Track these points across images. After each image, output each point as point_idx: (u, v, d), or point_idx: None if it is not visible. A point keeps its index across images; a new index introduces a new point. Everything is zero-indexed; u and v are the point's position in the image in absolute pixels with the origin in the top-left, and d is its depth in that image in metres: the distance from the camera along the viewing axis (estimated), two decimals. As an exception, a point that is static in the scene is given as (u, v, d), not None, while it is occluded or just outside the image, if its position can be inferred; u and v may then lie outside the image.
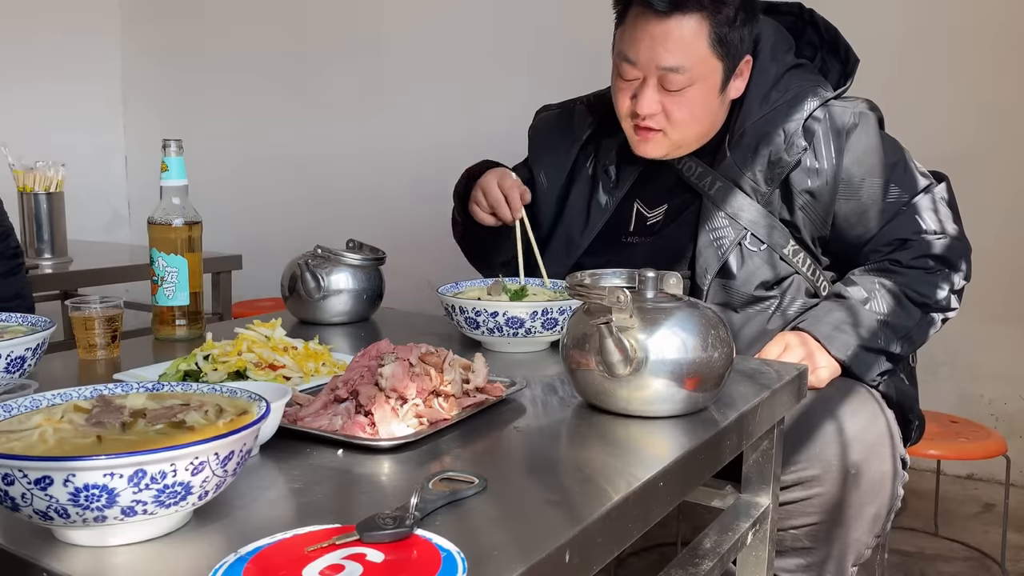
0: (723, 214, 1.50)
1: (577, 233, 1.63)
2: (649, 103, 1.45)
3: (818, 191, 1.48)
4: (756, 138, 1.50)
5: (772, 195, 1.49)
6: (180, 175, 1.39)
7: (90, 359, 1.26)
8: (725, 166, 1.52)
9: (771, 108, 1.50)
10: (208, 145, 3.57)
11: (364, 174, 3.44)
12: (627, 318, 0.96)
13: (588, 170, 1.65)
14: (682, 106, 1.46)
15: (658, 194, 1.59)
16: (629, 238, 1.60)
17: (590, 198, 1.63)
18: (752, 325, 1.49)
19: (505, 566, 0.62)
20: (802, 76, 1.53)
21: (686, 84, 1.44)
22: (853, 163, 1.48)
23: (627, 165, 1.61)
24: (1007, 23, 2.40)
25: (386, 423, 0.90)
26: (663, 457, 0.87)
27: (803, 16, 1.61)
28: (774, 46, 1.54)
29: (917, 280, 1.45)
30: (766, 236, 1.49)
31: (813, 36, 1.61)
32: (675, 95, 1.45)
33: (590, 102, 1.71)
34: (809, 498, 1.30)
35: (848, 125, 1.48)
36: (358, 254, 1.56)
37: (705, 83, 1.45)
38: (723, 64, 1.46)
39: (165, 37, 3.99)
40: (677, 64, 1.42)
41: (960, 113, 2.47)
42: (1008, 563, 2.07)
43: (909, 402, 1.52)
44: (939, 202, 1.50)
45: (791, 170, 1.48)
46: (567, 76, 2.47)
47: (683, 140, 1.51)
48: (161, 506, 0.64)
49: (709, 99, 1.48)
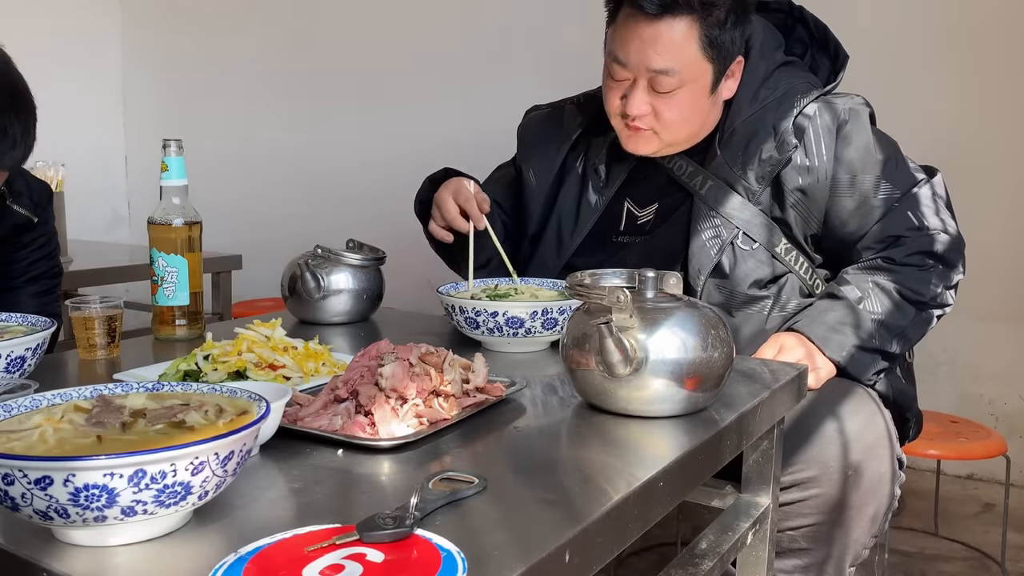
0: (715, 213, 1.49)
1: (567, 233, 1.62)
2: (639, 104, 1.45)
3: (809, 188, 1.47)
4: (746, 136, 1.49)
5: (763, 193, 1.49)
6: (180, 175, 1.39)
7: (90, 359, 1.26)
8: (716, 165, 1.51)
9: (761, 106, 1.50)
10: (208, 145, 3.57)
11: (364, 174, 3.44)
12: (627, 318, 0.96)
13: (578, 169, 1.64)
14: (672, 108, 1.45)
15: (649, 193, 1.58)
16: (620, 237, 1.59)
17: (580, 197, 1.62)
18: (749, 325, 1.49)
19: (505, 566, 0.62)
20: (792, 73, 1.53)
21: (676, 86, 1.43)
22: (844, 160, 1.47)
23: (617, 164, 1.60)
24: (1002, 17, 2.40)
25: (386, 423, 0.90)
26: (663, 457, 0.87)
27: (792, 13, 1.61)
28: (763, 44, 1.53)
29: (911, 277, 1.44)
30: (758, 235, 1.48)
31: (803, 33, 1.61)
32: (665, 97, 1.45)
33: (580, 102, 1.71)
34: (807, 499, 1.30)
35: (839, 121, 1.48)
36: (358, 254, 1.56)
37: (695, 85, 1.45)
38: (713, 66, 1.45)
39: (165, 37, 3.99)
40: (667, 67, 1.41)
41: (958, 111, 2.47)
42: (1008, 563, 2.07)
43: (906, 400, 1.51)
44: (931, 197, 1.48)
45: (782, 168, 1.47)
46: (567, 76, 2.47)
47: (674, 140, 1.51)
48: (161, 506, 0.64)
49: (699, 101, 1.47)
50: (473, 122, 3.15)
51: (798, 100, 1.48)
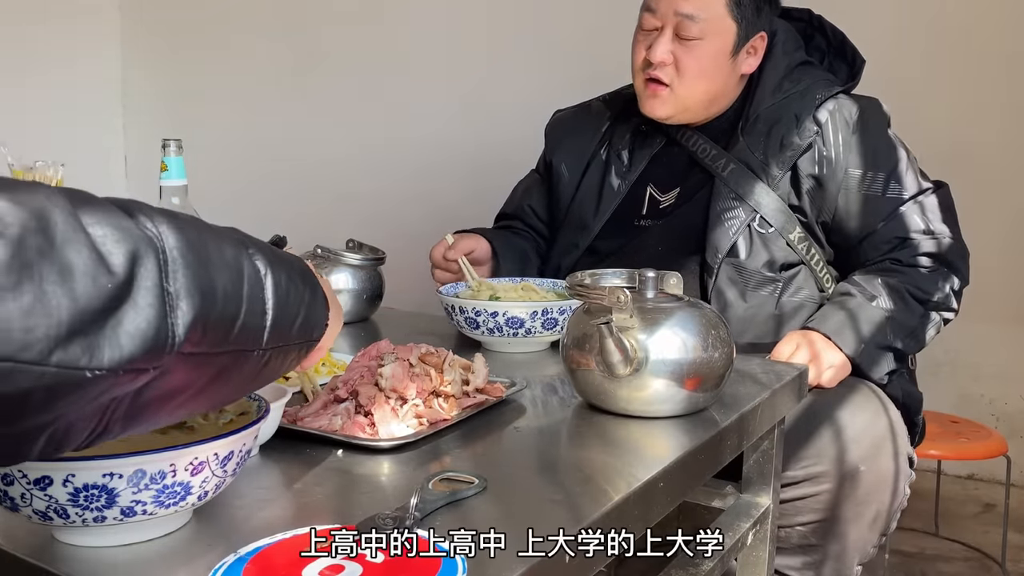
0: (734, 195, 1.54)
1: (589, 216, 1.66)
2: (663, 51, 1.51)
3: (822, 179, 1.52)
4: (769, 123, 1.55)
5: (783, 179, 1.53)
6: (180, 175, 1.39)
7: (90, 359, 1.25)
8: (738, 149, 1.56)
9: (784, 96, 1.56)
10: (208, 145, 3.57)
11: (364, 174, 3.44)
12: (627, 318, 0.96)
13: (602, 156, 1.69)
14: (692, 58, 1.51)
15: (671, 178, 1.63)
16: (642, 221, 1.63)
17: (603, 182, 1.67)
18: (760, 308, 1.51)
19: (505, 566, 0.62)
20: (813, 71, 1.59)
21: (699, 35, 1.50)
22: (857, 156, 1.51)
23: (640, 150, 1.66)
24: (1010, 20, 2.40)
25: (386, 423, 0.90)
26: (663, 457, 0.87)
27: (812, 23, 1.68)
28: (786, 42, 1.61)
29: (918, 277, 1.47)
30: (775, 220, 1.52)
31: (821, 42, 1.67)
32: (688, 46, 1.51)
33: (606, 99, 1.77)
34: (814, 495, 1.31)
35: (856, 118, 1.53)
36: (358, 254, 1.56)
37: (718, 40, 1.51)
38: (738, 27, 1.52)
39: (165, 37, 3.99)
40: (694, 12, 1.49)
41: (962, 112, 2.47)
42: (1008, 563, 2.07)
43: (915, 404, 1.54)
44: (938, 207, 1.52)
45: (801, 154, 1.52)
46: (567, 76, 2.47)
47: (689, 98, 1.55)
48: (161, 506, 0.64)
49: (719, 60, 1.53)
50: (473, 122, 3.15)
51: (820, 93, 1.54)
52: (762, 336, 1.50)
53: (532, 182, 1.82)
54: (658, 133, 1.65)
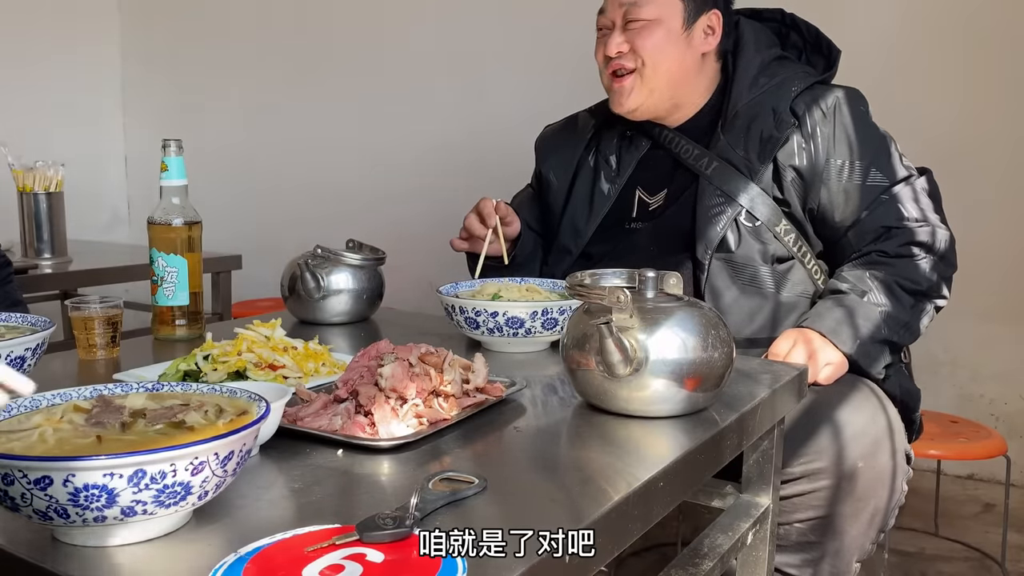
0: (719, 192, 1.56)
1: (582, 222, 1.69)
2: (616, 42, 1.56)
3: (803, 170, 1.53)
4: (748, 119, 1.57)
5: (765, 173, 1.55)
6: (180, 175, 1.39)
7: (90, 359, 1.26)
8: (720, 147, 1.59)
9: (760, 91, 1.59)
10: (208, 145, 3.57)
11: (364, 174, 3.44)
12: (627, 318, 0.96)
13: (590, 162, 1.73)
14: (644, 38, 1.55)
15: (658, 180, 1.66)
16: (632, 224, 1.66)
17: (593, 188, 1.70)
18: (752, 301, 1.53)
19: (505, 566, 0.62)
20: (789, 65, 1.62)
21: (647, 16, 1.54)
22: (836, 145, 1.53)
23: (627, 155, 1.69)
24: (1002, 16, 2.40)
25: (386, 423, 0.90)
26: (663, 457, 0.87)
27: (785, 21, 1.69)
28: (757, 40, 1.64)
29: (905, 268, 1.48)
30: (760, 213, 1.54)
31: (797, 39, 1.69)
32: (639, 30, 1.55)
33: (592, 109, 1.80)
34: (813, 491, 1.31)
35: (834, 107, 1.54)
36: (358, 254, 1.56)
37: (666, 17, 1.55)
38: (684, 4, 1.56)
39: (164, 37, 3.99)
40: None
41: (958, 111, 2.46)
42: (1008, 563, 2.07)
43: (913, 400, 1.54)
44: (921, 192, 1.53)
45: (780, 146, 1.53)
46: (568, 76, 2.47)
47: (655, 82, 1.58)
48: (161, 506, 0.64)
49: (672, 36, 1.56)
50: (474, 122, 3.15)
51: (796, 85, 1.57)
52: (758, 331, 1.51)
53: (525, 196, 1.86)
54: (643, 137, 1.68)
